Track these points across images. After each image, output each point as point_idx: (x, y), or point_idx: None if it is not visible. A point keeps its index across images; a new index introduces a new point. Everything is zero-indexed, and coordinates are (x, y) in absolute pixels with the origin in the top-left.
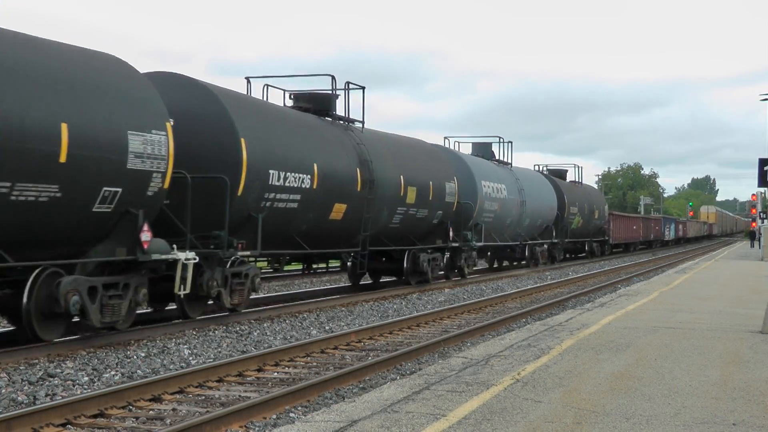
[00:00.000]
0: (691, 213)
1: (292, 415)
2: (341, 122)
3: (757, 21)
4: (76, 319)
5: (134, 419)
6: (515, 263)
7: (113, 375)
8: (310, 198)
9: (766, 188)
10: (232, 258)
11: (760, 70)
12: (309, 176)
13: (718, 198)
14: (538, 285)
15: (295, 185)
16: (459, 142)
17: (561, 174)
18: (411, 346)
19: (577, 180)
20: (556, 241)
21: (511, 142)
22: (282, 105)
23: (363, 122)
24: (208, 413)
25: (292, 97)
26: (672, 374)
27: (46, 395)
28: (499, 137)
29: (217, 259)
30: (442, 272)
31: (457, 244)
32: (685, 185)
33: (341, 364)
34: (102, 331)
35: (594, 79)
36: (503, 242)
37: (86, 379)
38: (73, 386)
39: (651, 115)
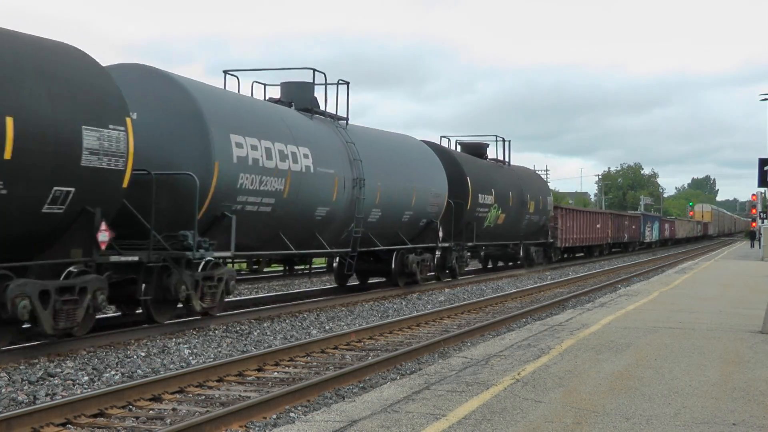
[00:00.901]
0: (692, 213)
1: (292, 414)
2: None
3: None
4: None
5: (134, 419)
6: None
7: (113, 375)
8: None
9: (766, 188)
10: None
11: (760, 70)
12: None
13: (718, 198)
14: (538, 285)
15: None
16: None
17: (478, 150)
18: (411, 346)
19: (503, 159)
20: (447, 244)
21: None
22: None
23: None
24: (208, 413)
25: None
26: (672, 374)
27: (46, 395)
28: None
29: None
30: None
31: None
32: (685, 185)
33: (341, 363)
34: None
35: (594, 79)
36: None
37: (86, 378)
38: (73, 386)
39: (651, 115)
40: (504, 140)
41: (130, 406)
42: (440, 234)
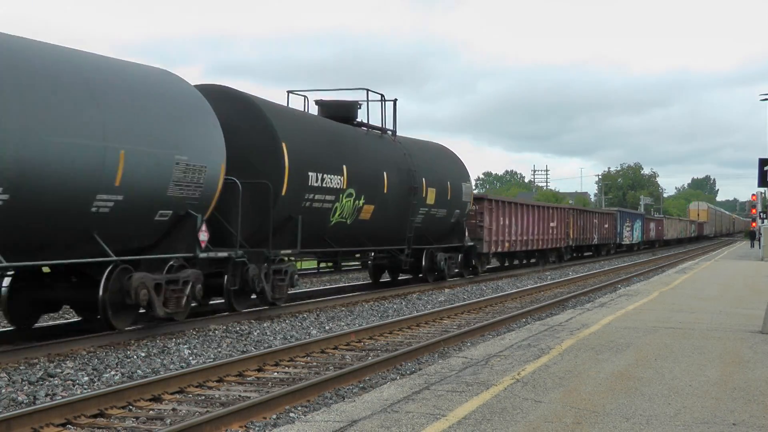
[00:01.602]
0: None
1: (292, 414)
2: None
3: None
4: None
5: (134, 419)
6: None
7: (113, 375)
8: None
9: (766, 188)
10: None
11: (760, 70)
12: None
13: (718, 198)
14: (538, 285)
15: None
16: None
17: (342, 111)
18: (411, 346)
19: (381, 127)
20: (471, 243)
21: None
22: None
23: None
24: (208, 413)
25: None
26: (672, 374)
27: (46, 395)
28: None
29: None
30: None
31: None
32: (685, 185)
33: (341, 364)
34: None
35: (594, 79)
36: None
37: (86, 378)
38: (73, 386)
39: (651, 115)
40: (383, 99)
41: (130, 407)
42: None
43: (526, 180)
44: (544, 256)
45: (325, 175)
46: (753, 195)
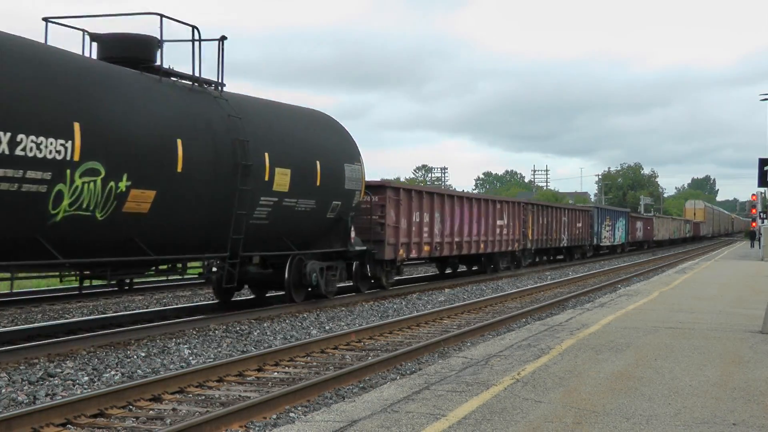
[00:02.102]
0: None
1: (292, 414)
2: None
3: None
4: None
5: (134, 419)
6: None
7: (113, 375)
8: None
9: (766, 188)
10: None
11: (760, 69)
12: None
13: (718, 198)
14: (538, 285)
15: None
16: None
17: (128, 48)
18: (411, 346)
19: (203, 78)
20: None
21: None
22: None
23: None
24: (208, 413)
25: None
26: (672, 374)
27: (46, 395)
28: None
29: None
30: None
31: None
32: (685, 185)
33: (341, 364)
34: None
35: (594, 79)
36: None
37: (86, 378)
38: (73, 386)
39: (651, 115)
40: (198, 36)
41: (130, 406)
42: (352, 233)
43: (526, 180)
44: (493, 261)
45: (25, 137)
46: (753, 195)
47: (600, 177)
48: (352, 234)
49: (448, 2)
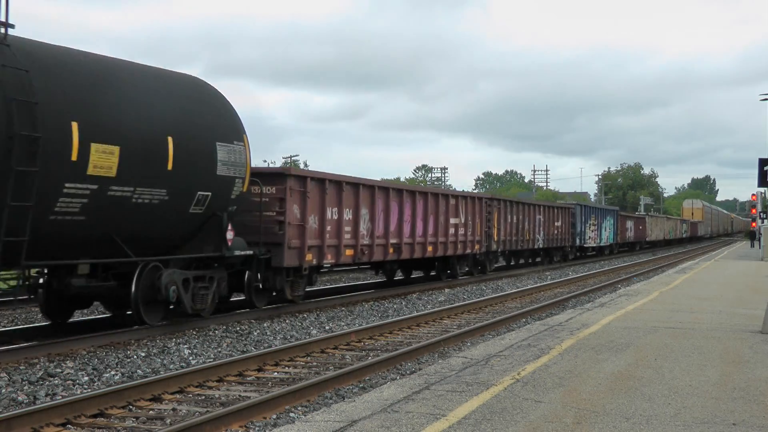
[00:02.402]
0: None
1: (292, 414)
2: None
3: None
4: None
5: (134, 419)
6: None
7: (113, 375)
8: None
9: (766, 188)
10: None
11: (760, 70)
12: None
13: (718, 198)
14: (538, 285)
15: None
16: None
17: None
18: (411, 346)
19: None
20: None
21: None
22: None
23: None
24: (208, 413)
25: None
26: (672, 374)
27: (46, 395)
28: None
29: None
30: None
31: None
32: (685, 185)
33: (341, 364)
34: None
35: (594, 79)
36: None
37: (86, 378)
38: (73, 386)
39: (651, 115)
40: None
41: (130, 406)
42: (229, 234)
43: (526, 180)
44: (449, 266)
45: None
46: (753, 195)
47: (600, 177)
48: (230, 235)
49: (448, 2)
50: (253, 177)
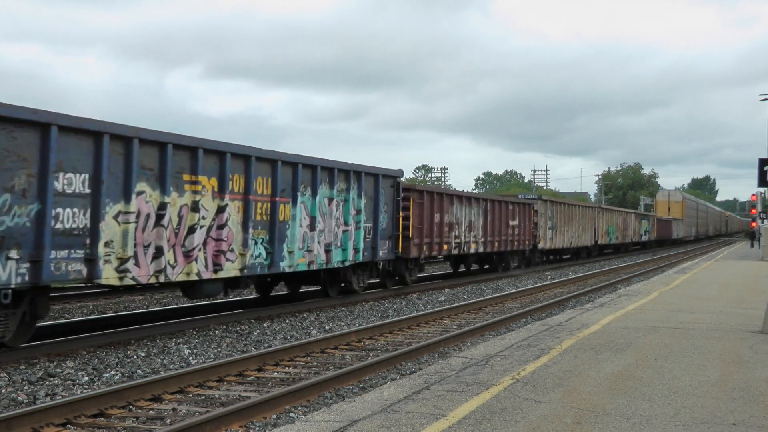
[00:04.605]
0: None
1: (292, 414)
2: None
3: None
4: None
5: (134, 419)
6: None
7: (113, 375)
8: None
9: (766, 188)
10: None
11: (760, 70)
12: None
13: (718, 198)
14: (538, 285)
15: None
16: None
17: None
18: (411, 346)
19: None
20: None
21: None
22: None
23: None
24: (208, 413)
25: None
26: (672, 374)
27: (46, 395)
28: None
29: None
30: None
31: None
32: (685, 185)
33: (341, 364)
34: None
35: (594, 79)
36: None
37: (86, 378)
38: (73, 386)
39: (651, 115)
40: None
41: (130, 406)
42: None
43: (526, 180)
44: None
45: None
46: (753, 195)
47: (600, 177)
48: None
49: (449, 2)
50: None
